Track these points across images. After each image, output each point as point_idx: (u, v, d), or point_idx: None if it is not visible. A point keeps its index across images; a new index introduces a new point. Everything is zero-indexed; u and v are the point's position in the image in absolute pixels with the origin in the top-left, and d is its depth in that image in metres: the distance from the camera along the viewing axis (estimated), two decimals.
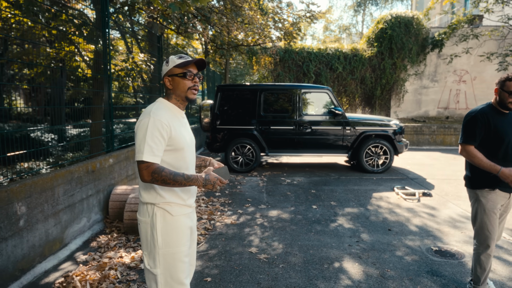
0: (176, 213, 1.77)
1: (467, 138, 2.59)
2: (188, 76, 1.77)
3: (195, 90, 1.80)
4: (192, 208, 1.89)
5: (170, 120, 1.72)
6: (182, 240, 1.78)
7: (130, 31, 10.24)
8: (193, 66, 1.81)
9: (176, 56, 1.79)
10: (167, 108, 1.79)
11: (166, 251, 1.74)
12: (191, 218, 1.89)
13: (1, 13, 5.86)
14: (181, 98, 1.81)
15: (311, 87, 7.53)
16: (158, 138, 1.66)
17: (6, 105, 8.95)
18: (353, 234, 4.07)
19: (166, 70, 1.80)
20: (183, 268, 1.78)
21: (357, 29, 35.03)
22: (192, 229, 1.91)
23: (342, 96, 15.09)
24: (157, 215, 1.74)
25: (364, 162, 7.36)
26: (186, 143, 1.79)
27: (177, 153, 1.76)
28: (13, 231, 2.83)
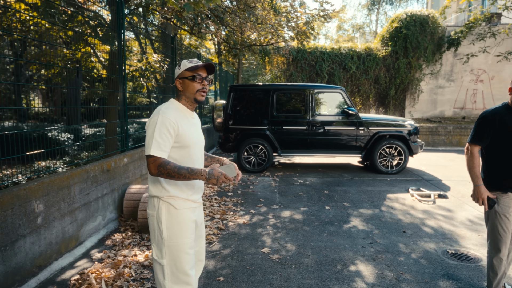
0: (180, 206, 1.86)
1: (473, 138, 2.58)
2: (197, 79, 1.86)
3: (203, 92, 1.89)
4: (197, 203, 1.97)
5: (178, 119, 1.83)
6: (186, 232, 1.86)
7: (144, 32, 10.35)
8: (203, 69, 1.91)
9: (188, 60, 1.89)
10: (176, 108, 1.89)
11: (171, 242, 1.83)
12: (196, 213, 1.97)
13: (20, 15, 6.00)
14: (190, 99, 1.91)
15: (324, 87, 7.48)
16: (165, 134, 1.76)
17: (24, 105, 9.17)
18: (366, 235, 4.03)
19: (178, 73, 1.91)
20: (188, 260, 1.86)
21: (371, 28, 34.67)
22: (198, 223, 1.99)
23: (356, 96, 14.95)
24: (162, 208, 1.84)
25: (378, 163, 7.27)
26: (193, 141, 1.88)
27: (183, 150, 1.86)
28: (31, 228, 2.90)
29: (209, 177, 1.73)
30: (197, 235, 2.03)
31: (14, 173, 3.45)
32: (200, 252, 2.09)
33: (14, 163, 3.89)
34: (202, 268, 2.16)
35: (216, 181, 1.73)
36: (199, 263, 2.11)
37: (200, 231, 2.05)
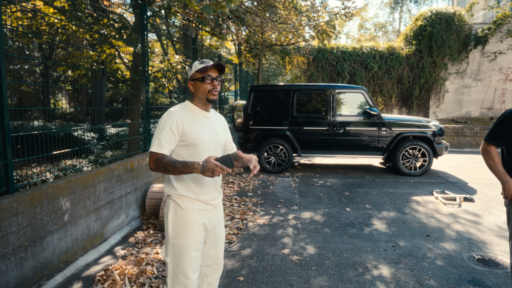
0: (187, 207, 1.86)
1: (489, 137, 2.48)
2: (207, 80, 1.87)
3: (215, 92, 1.90)
4: (209, 206, 1.92)
5: (186, 118, 1.86)
6: (190, 234, 1.85)
7: (166, 34, 10.52)
8: (213, 70, 1.91)
9: (198, 62, 1.91)
10: (187, 108, 1.93)
11: (174, 241, 1.85)
12: (208, 216, 1.93)
13: (48, 18, 6.22)
14: (202, 100, 1.93)
15: (346, 87, 7.39)
16: (167, 132, 1.80)
17: (51, 106, 9.49)
18: (388, 238, 3.95)
19: (190, 74, 1.95)
20: (189, 262, 1.84)
21: (393, 27, 33.97)
22: (208, 227, 1.93)
23: (378, 96, 14.69)
24: (170, 206, 1.89)
25: (400, 165, 7.12)
26: (201, 140, 1.87)
27: (191, 148, 1.87)
28: (58, 225, 3.00)
29: (203, 170, 1.67)
30: (213, 238, 1.98)
31: (43, 171, 3.58)
32: (217, 256, 2.04)
33: (43, 162, 4.04)
34: (220, 273, 2.10)
35: (211, 173, 1.66)
36: (216, 267, 2.05)
37: (216, 235, 2.00)
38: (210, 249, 1.99)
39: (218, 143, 1.99)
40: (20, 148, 3.15)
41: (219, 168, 1.65)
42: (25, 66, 15.15)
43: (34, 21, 6.39)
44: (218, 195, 1.98)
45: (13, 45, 9.35)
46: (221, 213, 2.04)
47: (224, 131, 2.10)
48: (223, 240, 2.05)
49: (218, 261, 2.05)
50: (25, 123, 8.92)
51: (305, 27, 9.89)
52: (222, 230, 2.04)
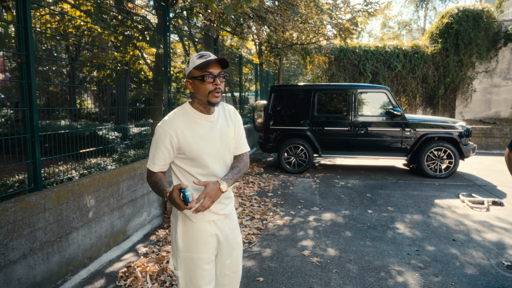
0: (197, 219, 1.70)
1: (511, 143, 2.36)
2: (208, 79, 1.59)
3: (217, 93, 1.62)
4: (220, 216, 1.76)
5: (182, 128, 1.64)
6: (202, 247, 1.71)
7: (188, 34, 10.64)
8: (215, 66, 1.62)
9: (197, 56, 1.62)
10: (185, 114, 1.68)
11: (186, 255, 1.71)
12: (219, 226, 1.77)
13: (75, 21, 6.40)
14: (203, 102, 1.66)
15: (368, 87, 7.26)
16: (160, 148, 1.64)
17: (77, 106, 9.77)
18: (412, 242, 3.85)
19: (187, 71, 1.66)
20: (203, 275, 1.71)
21: (418, 25, 33.12)
22: (221, 238, 1.78)
23: (401, 96, 14.37)
24: (180, 219, 1.73)
25: (425, 166, 6.92)
26: (202, 152, 1.67)
27: (193, 161, 1.68)
28: (83, 221, 3.08)
29: (171, 202, 1.52)
30: (228, 248, 1.83)
31: (69, 169, 3.69)
32: (234, 264, 1.89)
33: (69, 160, 4.16)
34: (239, 280, 1.95)
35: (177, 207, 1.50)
36: (233, 275, 1.91)
37: (230, 244, 1.84)
38: (225, 259, 1.85)
39: (227, 149, 1.77)
40: (48, 147, 3.26)
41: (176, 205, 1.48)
42: (53, 67, 15.69)
43: (61, 23, 6.60)
44: (228, 203, 1.80)
45: (40, 47, 9.69)
46: (234, 222, 1.87)
47: (235, 129, 1.83)
48: (238, 248, 1.89)
49: (235, 269, 1.90)
50: (53, 122, 9.23)
51: (326, 25, 9.78)
52: (237, 237, 1.88)
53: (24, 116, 2.58)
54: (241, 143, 1.87)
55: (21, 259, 2.43)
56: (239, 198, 5.47)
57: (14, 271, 2.37)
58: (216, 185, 1.57)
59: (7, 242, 2.32)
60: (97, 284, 2.94)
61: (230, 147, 1.78)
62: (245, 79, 14.25)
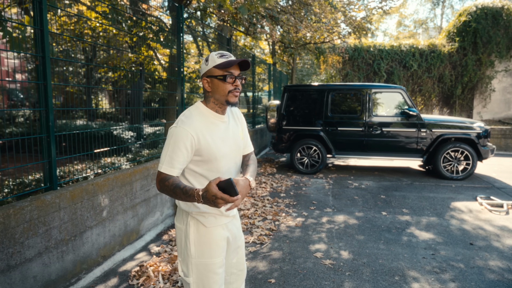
0: (210, 224, 1.67)
1: None
2: (229, 79, 1.57)
3: (236, 92, 1.60)
4: (230, 217, 1.76)
5: (201, 129, 1.59)
6: (215, 252, 1.69)
7: (202, 35, 10.69)
8: (235, 66, 1.60)
9: (217, 55, 1.59)
10: (201, 114, 1.64)
11: (199, 261, 1.67)
12: (229, 228, 1.77)
13: (91, 22, 6.50)
14: (220, 102, 1.62)
15: (383, 87, 7.15)
16: (179, 148, 1.54)
17: (94, 106, 9.94)
18: (428, 246, 3.76)
19: (205, 69, 1.62)
20: (216, 280, 1.69)
21: (435, 23, 32.48)
22: (230, 239, 1.78)
23: (417, 96, 14.12)
24: (191, 225, 1.67)
25: (441, 168, 6.78)
26: (221, 153, 1.63)
27: (208, 164, 1.62)
28: (97, 220, 3.12)
29: (205, 202, 1.41)
30: (235, 247, 1.85)
31: (84, 168, 3.74)
32: (239, 262, 1.91)
33: (84, 159, 4.23)
34: (244, 277, 1.97)
35: (214, 205, 1.39)
36: (239, 273, 1.92)
37: (237, 243, 1.85)
38: (232, 258, 1.86)
39: (238, 150, 1.75)
40: (63, 146, 3.31)
41: (219, 200, 1.36)
42: (70, 68, 16.01)
43: (77, 25, 6.72)
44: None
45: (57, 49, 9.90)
46: (238, 220, 1.90)
47: (242, 129, 1.82)
48: (243, 246, 1.91)
49: (240, 267, 1.91)
50: (69, 122, 9.42)
51: (340, 24, 9.67)
52: (242, 236, 1.90)
53: (40, 116, 2.63)
54: (248, 143, 1.88)
55: (37, 257, 2.47)
56: (252, 198, 5.46)
57: (29, 269, 2.41)
58: (246, 181, 1.54)
59: (23, 240, 2.36)
60: (110, 282, 2.98)
61: (240, 147, 1.77)
62: (258, 79, 14.24)
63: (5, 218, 2.24)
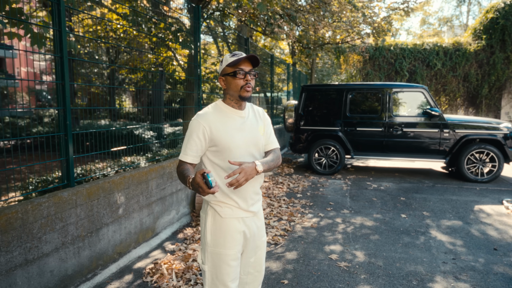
0: (226, 215, 1.74)
1: None
2: (239, 75, 1.70)
3: (248, 88, 1.71)
4: (249, 213, 1.79)
5: (215, 121, 1.71)
6: (229, 243, 1.74)
7: (221, 35, 10.75)
8: (246, 63, 1.72)
9: (229, 55, 1.73)
10: (218, 109, 1.77)
11: (213, 250, 1.75)
12: (247, 223, 1.80)
13: (112, 24, 6.65)
14: (235, 97, 1.75)
15: (404, 86, 6.96)
16: (193, 138, 1.70)
17: (117, 106, 10.16)
18: (448, 250, 3.63)
19: (221, 69, 1.77)
20: (229, 271, 1.74)
21: (460, 21, 31.48)
22: (248, 235, 1.81)
23: (441, 96, 13.72)
24: (209, 214, 1.78)
25: (465, 170, 6.54)
26: (234, 144, 1.72)
27: (223, 154, 1.72)
28: (113, 218, 3.17)
29: (193, 188, 1.53)
30: (253, 246, 1.86)
31: (104, 166, 3.83)
32: (258, 263, 1.91)
33: (105, 158, 4.33)
34: (261, 279, 1.97)
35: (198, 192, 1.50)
36: (256, 274, 1.93)
37: (256, 242, 1.87)
38: (250, 256, 1.88)
39: (256, 144, 1.81)
40: (79, 145, 3.39)
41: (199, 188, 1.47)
42: (95, 69, 16.48)
43: (99, 26, 6.89)
44: (257, 199, 1.84)
45: (83, 51, 10.18)
46: (261, 220, 1.90)
47: (264, 127, 1.89)
48: (263, 247, 1.91)
49: (258, 268, 1.92)
50: (93, 122, 9.67)
51: (359, 24, 9.51)
52: (262, 236, 1.91)
53: (58, 115, 2.70)
54: (271, 140, 1.93)
55: (54, 252, 2.53)
56: (268, 198, 5.44)
57: (46, 264, 2.48)
58: (252, 164, 1.62)
59: (40, 236, 2.43)
60: (125, 279, 3.02)
61: (259, 143, 1.83)
62: (278, 79, 14.19)
63: (24, 214, 2.30)
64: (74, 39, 4.10)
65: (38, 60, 10.23)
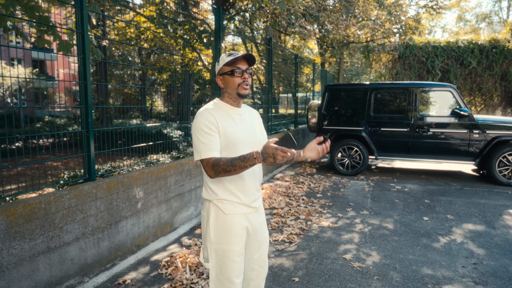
0: (229, 211, 1.77)
1: None
2: (237, 73, 1.74)
3: (245, 85, 1.76)
4: (251, 208, 1.84)
5: (218, 118, 1.73)
6: (233, 239, 1.77)
7: (250, 36, 10.85)
8: (243, 62, 1.77)
9: (226, 54, 1.78)
10: (217, 107, 1.80)
11: (217, 247, 1.77)
12: (249, 219, 1.84)
13: (140, 27, 6.90)
14: (233, 95, 1.79)
15: (431, 85, 6.74)
16: (208, 133, 1.69)
17: (148, 106, 10.53)
18: (470, 254, 3.50)
19: (218, 69, 1.81)
20: (233, 267, 1.77)
21: (500, 17, 29.86)
22: (251, 230, 1.85)
23: (476, 96, 13.12)
24: (211, 211, 1.79)
25: (496, 172, 6.24)
26: (238, 140, 1.76)
27: (228, 149, 1.75)
28: (132, 211, 3.32)
29: (264, 158, 1.52)
30: (256, 242, 1.90)
31: (131, 164, 4.01)
32: (261, 259, 1.95)
33: (132, 155, 4.52)
34: (265, 275, 2.01)
35: (273, 159, 1.49)
36: (260, 270, 1.97)
37: (258, 238, 1.91)
38: (253, 253, 1.92)
39: (254, 141, 1.86)
40: (102, 142, 3.57)
41: (279, 151, 1.47)
42: (128, 71, 17.10)
43: (127, 30, 7.18)
44: (258, 196, 1.88)
45: (116, 53, 10.62)
46: (262, 216, 1.96)
47: (259, 127, 1.95)
48: (266, 242, 1.96)
49: (262, 264, 1.96)
50: (126, 121, 10.06)
51: (385, 22, 9.28)
52: (264, 232, 1.95)
53: (80, 113, 2.87)
54: (265, 137, 2.02)
55: (74, 241, 2.70)
56: (287, 197, 5.45)
57: (67, 252, 2.64)
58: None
59: (62, 226, 2.59)
60: (142, 270, 3.16)
61: (257, 139, 1.88)
62: (307, 79, 14.12)
63: (46, 204, 2.47)
64: (98, 43, 4.31)
65: (73, 62, 10.70)
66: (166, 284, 2.92)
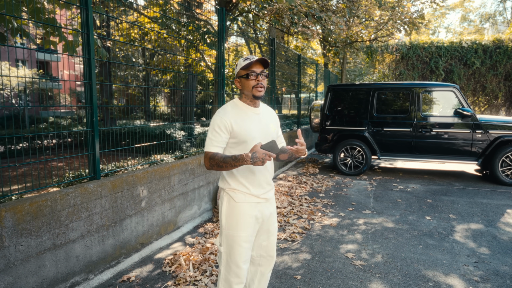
0: (239, 200, 1.94)
1: None
2: (251, 76, 1.91)
3: (260, 87, 1.92)
4: (261, 199, 1.98)
5: (234, 116, 1.91)
6: (242, 225, 1.92)
7: (253, 37, 10.90)
8: (258, 65, 1.93)
9: (243, 59, 1.94)
10: (235, 106, 1.98)
11: (228, 232, 1.94)
12: (259, 208, 1.99)
13: (144, 28, 6.96)
14: (249, 96, 1.96)
15: (434, 85, 6.75)
16: (217, 131, 1.88)
17: (151, 106, 10.58)
18: (471, 253, 3.51)
19: (236, 72, 1.98)
20: (241, 252, 1.93)
21: (504, 17, 29.72)
22: (260, 219, 2.00)
23: (479, 96, 13.08)
24: (224, 199, 1.98)
25: (499, 172, 6.23)
26: (252, 136, 1.92)
27: (241, 145, 1.92)
28: (136, 210, 3.36)
29: (254, 161, 1.71)
30: (266, 230, 2.07)
31: (135, 163, 4.05)
32: (270, 248, 2.12)
33: (136, 155, 4.57)
34: (273, 264, 2.17)
35: (261, 162, 1.71)
36: (269, 258, 2.14)
37: (269, 227, 2.08)
38: (262, 240, 2.08)
39: (269, 138, 2.01)
40: (107, 140, 3.61)
41: (267, 156, 1.70)
42: (131, 72, 17.19)
43: (132, 30, 7.24)
44: (269, 189, 2.04)
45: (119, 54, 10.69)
46: (273, 206, 2.10)
47: (275, 126, 2.11)
48: (275, 232, 2.12)
49: (270, 253, 2.12)
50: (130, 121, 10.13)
51: (388, 21, 9.28)
52: (275, 222, 2.11)
53: (85, 112, 2.91)
54: (281, 140, 2.20)
55: (79, 239, 2.74)
56: (289, 197, 5.48)
57: (73, 249, 2.69)
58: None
59: (67, 223, 2.64)
60: (146, 268, 3.20)
61: (272, 137, 2.05)
62: (310, 80, 14.14)
63: (52, 202, 2.52)
64: (103, 44, 4.36)
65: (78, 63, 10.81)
66: (170, 281, 2.95)
